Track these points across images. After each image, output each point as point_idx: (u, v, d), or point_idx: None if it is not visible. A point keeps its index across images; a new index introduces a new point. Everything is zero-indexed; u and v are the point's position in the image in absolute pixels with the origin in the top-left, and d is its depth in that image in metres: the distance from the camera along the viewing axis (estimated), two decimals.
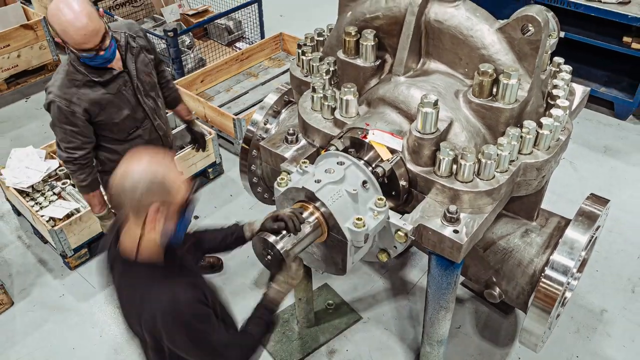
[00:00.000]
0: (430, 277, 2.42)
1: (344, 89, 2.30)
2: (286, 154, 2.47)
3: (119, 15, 5.93)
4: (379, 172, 2.08)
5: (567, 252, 2.34)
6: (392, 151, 2.15)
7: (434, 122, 2.04)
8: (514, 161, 2.17)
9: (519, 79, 2.08)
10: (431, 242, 2.09)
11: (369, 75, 2.43)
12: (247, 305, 1.85)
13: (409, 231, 2.02)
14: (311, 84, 2.46)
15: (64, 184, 4.16)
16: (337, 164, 2.06)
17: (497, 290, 2.69)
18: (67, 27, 2.39)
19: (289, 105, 3.01)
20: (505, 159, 2.10)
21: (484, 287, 2.75)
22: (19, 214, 4.27)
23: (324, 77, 2.48)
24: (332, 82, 2.56)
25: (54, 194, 4.09)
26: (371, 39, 2.33)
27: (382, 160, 2.12)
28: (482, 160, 2.05)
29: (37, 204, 4.00)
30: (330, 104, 2.40)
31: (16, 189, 3.99)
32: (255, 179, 3.00)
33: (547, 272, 2.35)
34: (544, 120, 2.16)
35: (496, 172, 2.11)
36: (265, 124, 2.94)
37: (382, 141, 2.16)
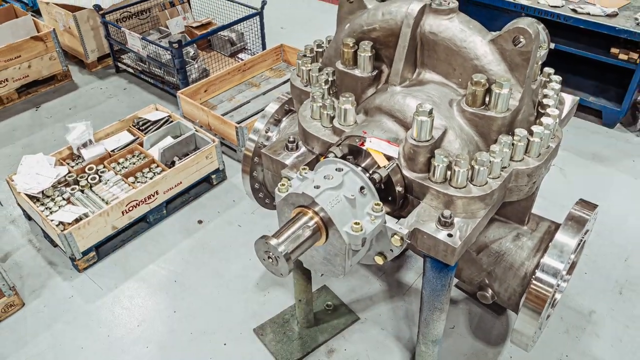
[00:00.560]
0: (425, 279, 2.42)
1: (342, 99, 2.30)
2: (287, 161, 2.47)
3: (126, 27, 5.94)
4: (376, 178, 2.08)
5: (557, 255, 2.34)
6: (389, 158, 2.15)
7: (429, 130, 2.04)
8: (505, 168, 2.16)
9: (511, 89, 2.08)
10: (426, 245, 2.09)
11: (367, 85, 2.43)
12: (248, 307, 1.82)
13: (404, 235, 2.01)
14: (311, 94, 2.46)
15: (72, 189, 4.15)
16: (336, 170, 2.06)
17: (490, 292, 2.69)
18: None
19: (290, 114, 3.01)
20: (497, 166, 2.10)
21: (477, 289, 2.75)
22: (29, 218, 4.28)
23: (323, 87, 2.48)
24: (331, 92, 2.56)
25: (63, 199, 4.09)
26: (368, 50, 2.34)
27: (379, 166, 2.12)
28: (475, 166, 2.05)
29: (47, 208, 4.00)
30: (329, 112, 2.40)
31: (27, 195, 3.99)
32: (257, 184, 3.00)
33: (538, 274, 2.34)
34: (534, 128, 2.16)
35: (489, 178, 2.11)
36: (266, 132, 2.94)
37: (379, 148, 2.16)
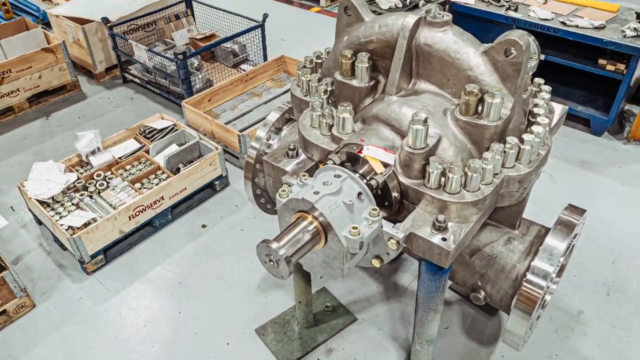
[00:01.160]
0: (420, 282, 2.42)
1: (340, 108, 2.30)
2: (287, 168, 2.47)
3: (133, 39, 5.95)
4: (373, 184, 2.08)
5: (547, 258, 2.34)
6: (385, 165, 2.15)
7: (424, 138, 2.04)
8: (497, 174, 2.17)
9: (503, 98, 2.08)
10: (421, 249, 2.08)
11: (364, 94, 2.43)
12: (250, 308, 1.81)
13: (400, 239, 2.01)
14: (310, 103, 2.47)
15: (81, 195, 4.15)
16: (334, 176, 2.06)
17: (482, 293, 2.68)
18: None
19: (290, 122, 3.01)
20: (489, 172, 2.10)
21: (470, 291, 2.74)
22: (40, 223, 4.27)
23: (322, 97, 2.48)
24: (330, 101, 2.56)
25: (73, 204, 4.08)
26: (366, 61, 2.34)
27: (376, 173, 2.12)
28: (468, 173, 2.05)
29: (57, 213, 3.99)
30: (328, 121, 2.40)
31: (38, 200, 3.99)
32: (258, 190, 3.00)
33: (529, 276, 2.34)
34: (525, 136, 2.17)
35: (481, 184, 2.11)
36: (267, 140, 2.94)
37: (376, 156, 2.16)
